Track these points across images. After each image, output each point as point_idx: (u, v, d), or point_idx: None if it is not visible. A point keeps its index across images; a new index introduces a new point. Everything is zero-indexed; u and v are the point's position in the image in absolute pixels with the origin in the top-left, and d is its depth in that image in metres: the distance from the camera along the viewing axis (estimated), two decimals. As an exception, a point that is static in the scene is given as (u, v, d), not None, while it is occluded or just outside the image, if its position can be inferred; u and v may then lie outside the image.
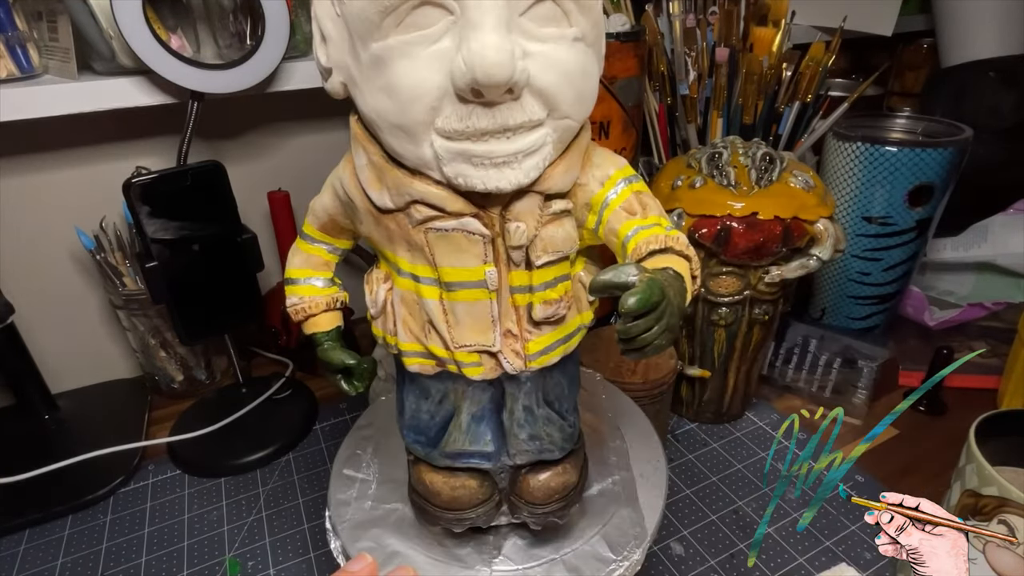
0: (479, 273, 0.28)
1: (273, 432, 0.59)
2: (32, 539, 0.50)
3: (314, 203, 0.33)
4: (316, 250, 0.34)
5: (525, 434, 0.34)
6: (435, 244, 0.28)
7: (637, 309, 0.23)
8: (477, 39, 0.23)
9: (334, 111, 0.70)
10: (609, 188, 0.29)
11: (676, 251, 0.28)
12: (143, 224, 0.51)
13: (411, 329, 0.31)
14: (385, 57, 0.24)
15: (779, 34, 0.61)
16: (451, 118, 0.24)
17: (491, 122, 0.24)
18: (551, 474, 0.35)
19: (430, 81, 0.24)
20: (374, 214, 0.29)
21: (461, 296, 0.29)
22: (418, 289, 0.30)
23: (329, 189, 0.32)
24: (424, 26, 0.24)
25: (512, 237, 0.28)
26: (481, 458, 0.34)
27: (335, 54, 0.27)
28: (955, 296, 0.76)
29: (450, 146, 0.25)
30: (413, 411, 0.34)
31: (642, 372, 0.52)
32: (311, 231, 0.34)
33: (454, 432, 0.34)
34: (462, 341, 0.30)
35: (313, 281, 0.35)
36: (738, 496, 0.52)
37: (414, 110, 0.24)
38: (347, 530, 0.37)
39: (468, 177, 0.25)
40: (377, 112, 0.26)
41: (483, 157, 0.25)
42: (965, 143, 0.61)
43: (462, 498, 0.35)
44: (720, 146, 0.53)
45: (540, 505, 0.35)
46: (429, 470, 0.35)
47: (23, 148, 0.58)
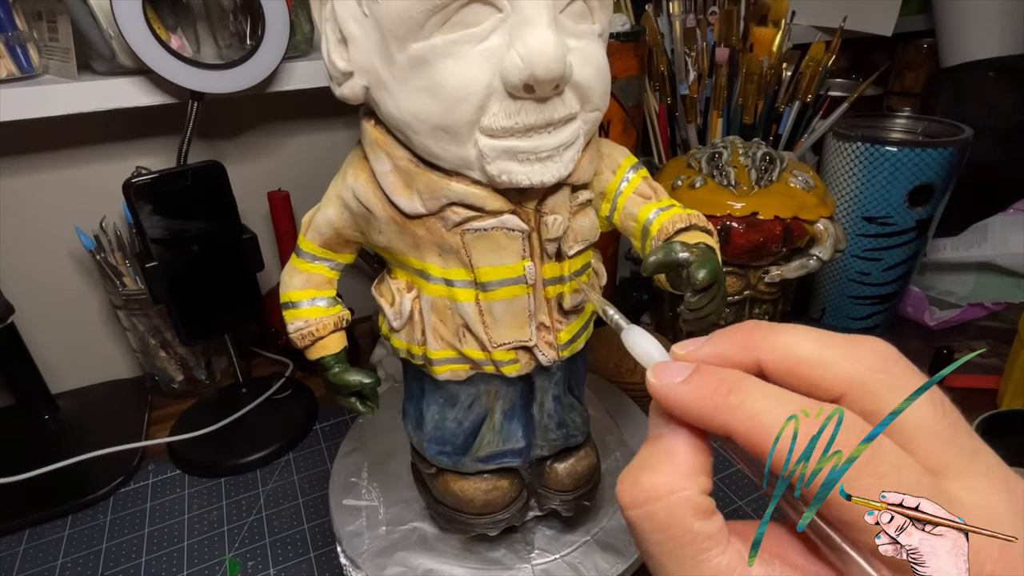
0: (518, 269, 0.29)
1: (273, 432, 0.59)
2: (32, 539, 0.50)
3: (315, 218, 0.32)
4: (318, 268, 0.33)
5: (554, 423, 0.34)
6: (472, 245, 0.28)
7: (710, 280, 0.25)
8: (534, 35, 0.23)
9: (334, 111, 0.70)
10: (620, 176, 0.31)
11: (700, 227, 0.29)
12: (143, 224, 0.51)
13: (442, 336, 0.31)
14: (429, 57, 0.24)
15: (779, 34, 0.61)
16: (498, 116, 0.25)
17: (539, 117, 0.25)
18: (575, 459, 0.36)
19: (479, 80, 0.24)
20: (399, 222, 0.28)
21: (499, 294, 0.29)
22: (451, 293, 0.29)
23: (335, 201, 0.31)
24: (472, 24, 0.24)
25: (550, 230, 0.28)
26: (513, 456, 0.34)
27: (359, 56, 0.26)
28: (955, 296, 0.76)
29: (495, 144, 0.25)
30: (437, 422, 0.34)
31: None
32: (312, 248, 0.32)
33: (487, 434, 0.34)
34: (500, 340, 0.30)
35: (318, 302, 0.33)
36: (738, 496, 0.52)
37: (461, 110, 0.24)
38: (369, 560, 0.36)
39: (513, 174, 0.26)
40: (415, 114, 0.25)
41: (529, 152, 0.25)
42: (965, 143, 0.61)
43: (496, 500, 0.34)
44: (720, 146, 0.53)
45: (570, 491, 0.36)
46: (458, 479, 0.35)
47: (23, 148, 0.58)
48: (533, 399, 0.34)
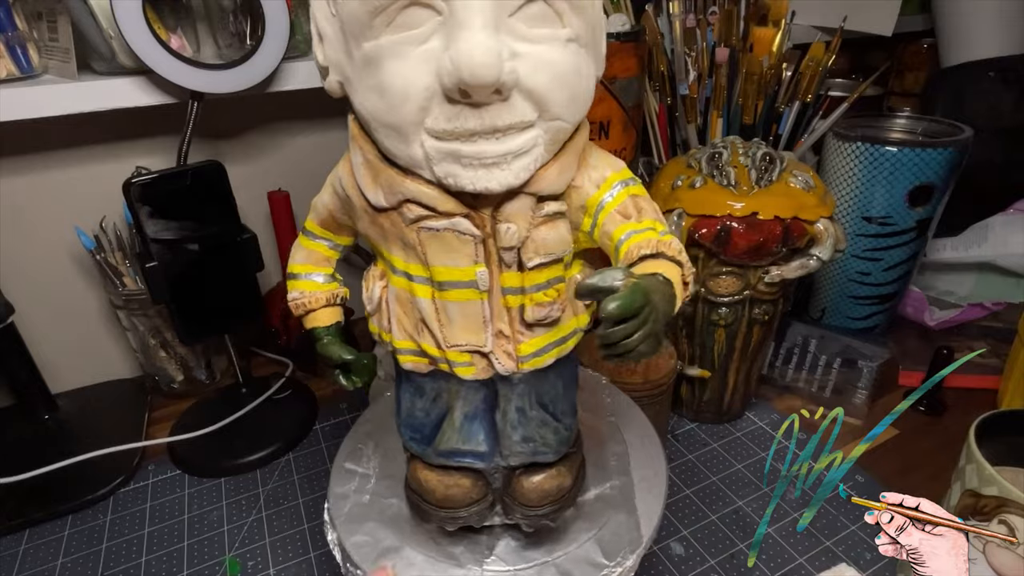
0: (470, 273, 0.28)
1: (273, 432, 0.59)
2: (32, 539, 0.50)
3: (316, 200, 0.33)
4: (317, 246, 0.35)
5: (518, 435, 0.33)
6: (427, 243, 0.28)
7: (618, 315, 0.22)
8: (464, 39, 0.23)
9: (334, 111, 0.70)
10: (605, 191, 0.29)
11: (668, 256, 0.27)
12: (143, 224, 0.51)
13: (404, 327, 0.31)
14: (376, 57, 0.24)
15: (779, 34, 0.61)
16: (439, 118, 0.24)
17: (479, 123, 0.24)
18: (545, 476, 0.35)
19: (420, 81, 0.24)
20: (369, 212, 0.29)
21: (453, 296, 0.29)
22: (411, 288, 0.30)
23: (329, 187, 0.32)
24: (413, 26, 0.24)
25: (503, 238, 0.27)
26: (474, 457, 0.34)
27: (331, 53, 0.27)
28: (955, 296, 0.76)
29: (440, 146, 0.25)
30: (408, 409, 0.35)
31: (642, 372, 0.52)
32: (312, 227, 0.34)
33: (447, 431, 0.34)
34: (454, 341, 0.30)
35: (314, 276, 0.35)
36: (738, 496, 0.52)
37: (404, 110, 0.24)
38: (343, 523, 0.38)
39: (457, 177, 0.25)
40: (369, 111, 0.26)
41: (472, 158, 0.25)
42: (965, 143, 0.61)
43: (455, 496, 0.35)
44: (720, 146, 0.53)
45: (533, 507, 0.35)
46: (424, 467, 0.35)
47: (23, 148, 0.58)
48: (497, 406, 0.33)
